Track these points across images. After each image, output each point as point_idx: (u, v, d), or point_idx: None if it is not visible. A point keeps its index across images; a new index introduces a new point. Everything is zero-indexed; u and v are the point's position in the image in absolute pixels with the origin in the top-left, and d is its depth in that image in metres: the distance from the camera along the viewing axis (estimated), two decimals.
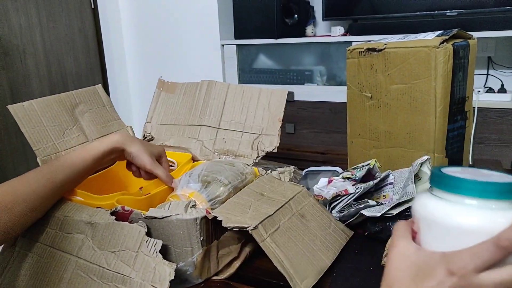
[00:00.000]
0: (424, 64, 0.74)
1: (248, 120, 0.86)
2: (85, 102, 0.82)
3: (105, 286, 0.51)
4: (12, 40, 2.28)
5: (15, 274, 0.57)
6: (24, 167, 2.40)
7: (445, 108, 0.75)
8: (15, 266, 0.58)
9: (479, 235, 0.36)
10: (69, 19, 2.57)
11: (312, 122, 2.21)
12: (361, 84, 0.85)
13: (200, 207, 0.59)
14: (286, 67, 2.35)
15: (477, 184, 0.38)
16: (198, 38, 2.50)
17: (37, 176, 0.58)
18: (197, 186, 0.64)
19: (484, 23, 1.87)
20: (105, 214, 0.56)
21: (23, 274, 0.57)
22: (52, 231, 0.58)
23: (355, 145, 0.90)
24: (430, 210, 0.40)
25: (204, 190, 0.64)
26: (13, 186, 0.55)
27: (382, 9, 2.16)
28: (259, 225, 0.55)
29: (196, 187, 0.64)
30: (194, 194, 0.63)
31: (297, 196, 0.65)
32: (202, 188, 0.64)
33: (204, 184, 0.65)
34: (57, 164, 0.61)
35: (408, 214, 0.64)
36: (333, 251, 0.60)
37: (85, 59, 2.69)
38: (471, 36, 0.77)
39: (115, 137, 0.68)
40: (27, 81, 2.37)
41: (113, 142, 0.67)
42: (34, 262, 0.57)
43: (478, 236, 0.36)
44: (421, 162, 0.68)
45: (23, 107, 0.73)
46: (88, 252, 0.54)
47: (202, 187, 0.64)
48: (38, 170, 0.60)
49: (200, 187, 0.64)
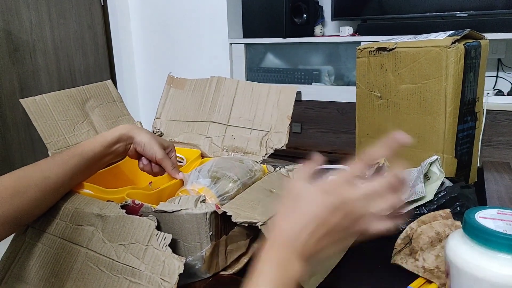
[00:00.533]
0: (435, 64, 0.74)
1: (257, 117, 0.86)
2: (95, 97, 0.83)
3: (114, 278, 0.52)
4: (22, 36, 2.29)
5: (25, 264, 0.58)
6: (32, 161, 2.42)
7: (455, 109, 0.74)
8: (25, 256, 0.58)
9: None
10: (79, 15, 2.58)
11: (319, 122, 2.20)
12: (370, 83, 0.85)
13: (210, 202, 0.59)
14: (294, 67, 2.35)
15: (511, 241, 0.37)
16: (206, 37, 2.50)
17: (49, 163, 0.59)
18: (207, 181, 0.64)
19: (494, 25, 1.86)
20: (115, 208, 0.56)
21: (32, 264, 0.57)
22: (62, 223, 0.59)
23: (363, 144, 0.90)
24: (461, 258, 0.40)
25: (214, 185, 0.64)
26: (26, 172, 0.56)
27: (391, 10, 2.15)
28: (268, 220, 0.55)
29: (206, 183, 0.64)
30: (204, 189, 0.63)
31: None
32: (212, 184, 0.64)
33: (214, 180, 0.65)
34: (68, 153, 0.62)
35: (417, 213, 0.64)
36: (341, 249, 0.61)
37: (94, 56, 2.70)
38: (483, 36, 0.77)
39: (123, 126, 0.69)
40: (36, 76, 2.39)
41: (121, 129, 0.68)
42: (44, 253, 0.58)
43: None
44: (431, 161, 0.68)
45: (35, 101, 0.73)
46: (98, 244, 0.54)
47: (212, 183, 0.64)
48: (50, 158, 0.61)
49: (210, 182, 0.64)
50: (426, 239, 0.57)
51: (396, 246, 0.59)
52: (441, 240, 0.56)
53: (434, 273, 0.53)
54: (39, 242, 0.59)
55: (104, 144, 0.65)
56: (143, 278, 0.50)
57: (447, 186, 0.67)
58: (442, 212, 0.60)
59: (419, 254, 0.56)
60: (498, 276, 0.37)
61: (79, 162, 0.61)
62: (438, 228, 0.57)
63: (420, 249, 0.56)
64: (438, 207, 0.63)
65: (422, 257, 0.55)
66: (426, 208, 0.64)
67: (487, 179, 0.85)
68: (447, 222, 0.58)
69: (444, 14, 2.02)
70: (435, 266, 0.54)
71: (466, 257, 0.40)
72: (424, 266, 0.55)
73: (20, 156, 2.37)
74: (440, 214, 0.59)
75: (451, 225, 0.58)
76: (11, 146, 2.32)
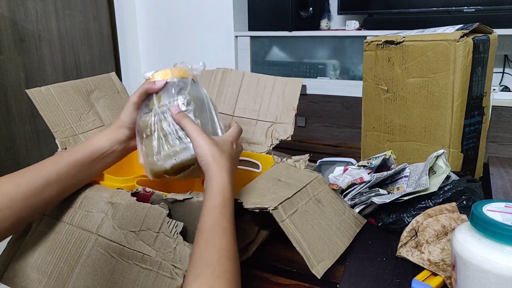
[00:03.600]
0: (443, 58, 0.73)
1: (263, 108, 0.86)
2: (100, 88, 0.83)
3: (125, 264, 0.52)
4: (28, 26, 2.29)
5: (33, 249, 0.58)
6: (37, 152, 2.43)
7: (462, 103, 0.74)
8: (33, 241, 0.59)
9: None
10: (84, 6, 2.58)
11: (324, 116, 2.20)
12: (377, 77, 0.85)
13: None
14: (299, 60, 2.35)
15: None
16: (212, 29, 2.50)
17: (24, 171, 0.57)
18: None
19: (502, 20, 1.85)
20: (126, 195, 0.57)
21: (39, 250, 0.58)
22: (71, 210, 0.59)
23: (369, 138, 0.90)
24: (468, 251, 0.40)
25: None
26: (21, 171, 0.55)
27: (398, 4, 2.14)
28: (279, 206, 0.55)
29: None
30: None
31: (313, 182, 0.66)
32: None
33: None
34: (49, 159, 0.59)
35: (423, 206, 0.64)
36: (347, 237, 0.61)
37: (99, 47, 2.70)
38: (492, 31, 0.77)
39: (108, 131, 0.65)
40: (41, 67, 2.39)
41: (108, 134, 0.64)
42: (52, 239, 0.58)
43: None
44: (437, 155, 0.68)
45: (40, 91, 0.74)
46: (108, 230, 0.55)
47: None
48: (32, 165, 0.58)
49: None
50: (432, 232, 0.57)
51: (402, 238, 0.59)
52: (447, 233, 0.57)
53: (440, 266, 0.54)
54: (47, 228, 0.59)
55: (94, 150, 0.62)
56: (154, 265, 0.51)
57: (453, 180, 0.67)
58: (448, 205, 0.60)
59: (425, 247, 0.56)
60: (505, 268, 0.37)
61: (55, 168, 0.57)
62: (444, 221, 0.58)
63: (425, 242, 0.56)
64: (444, 201, 0.63)
65: (428, 250, 0.56)
66: (432, 202, 0.64)
67: (492, 174, 0.85)
68: (453, 215, 0.58)
69: (451, 9, 2.01)
70: (441, 259, 0.54)
71: (473, 250, 0.40)
72: (430, 259, 0.55)
73: (25, 147, 2.38)
74: (446, 208, 0.60)
75: (457, 219, 0.58)
76: (16, 137, 2.33)
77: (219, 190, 0.52)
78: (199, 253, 0.46)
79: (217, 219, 0.49)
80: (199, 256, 0.46)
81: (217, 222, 0.49)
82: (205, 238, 0.47)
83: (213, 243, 0.47)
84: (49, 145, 2.49)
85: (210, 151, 0.56)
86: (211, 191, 0.52)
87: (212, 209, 0.50)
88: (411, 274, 0.54)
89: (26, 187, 0.54)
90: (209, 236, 0.47)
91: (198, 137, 0.57)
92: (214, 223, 0.49)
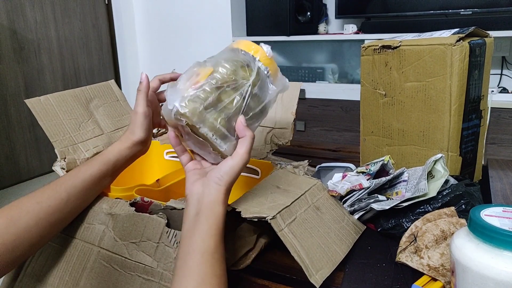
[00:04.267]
0: (439, 62, 0.74)
1: None
2: (99, 96, 0.83)
3: (127, 276, 0.52)
4: (28, 34, 2.30)
5: (39, 263, 0.58)
6: (37, 160, 2.43)
7: (460, 106, 0.74)
8: (39, 255, 0.59)
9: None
10: (83, 14, 2.59)
11: (323, 120, 2.21)
12: (375, 81, 0.85)
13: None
14: (297, 65, 2.35)
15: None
16: (210, 34, 2.51)
17: (42, 189, 0.57)
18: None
19: (499, 22, 1.85)
20: (124, 205, 0.57)
21: (46, 264, 0.58)
22: (74, 222, 0.59)
23: (367, 142, 0.90)
24: (467, 256, 0.40)
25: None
26: (20, 200, 0.54)
27: (395, 8, 2.15)
28: (277, 215, 0.55)
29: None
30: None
31: (312, 189, 0.66)
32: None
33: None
34: (64, 177, 0.59)
35: (422, 211, 0.64)
36: (346, 244, 0.61)
37: (98, 55, 2.71)
38: (488, 34, 0.77)
39: (118, 143, 0.65)
40: (41, 75, 2.40)
41: (118, 145, 0.64)
42: (56, 252, 0.58)
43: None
44: (435, 159, 0.68)
45: (39, 101, 0.74)
46: (110, 242, 0.55)
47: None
48: (46, 185, 0.58)
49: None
50: (431, 237, 0.57)
51: (401, 244, 0.59)
52: (446, 238, 0.57)
53: (439, 271, 0.54)
54: (52, 241, 0.60)
55: (105, 162, 0.62)
56: (156, 275, 0.51)
57: (452, 184, 0.67)
58: (447, 210, 0.60)
59: (424, 252, 0.56)
60: (503, 274, 0.37)
61: (74, 183, 0.58)
62: (443, 226, 0.58)
63: (425, 247, 0.56)
64: (443, 205, 0.63)
65: (427, 255, 0.56)
66: (430, 206, 0.64)
67: (492, 177, 0.85)
68: (452, 220, 0.58)
69: (448, 12, 2.01)
70: (440, 264, 0.54)
71: (471, 255, 0.40)
72: (429, 264, 0.55)
73: (24, 155, 2.39)
74: (445, 212, 0.60)
75: (456, 223, 0.58)
76: (16, 145, 2.33)
77: (224, 213, 0.51)
78: (197, 272, 0.45)
79: (220, 245, 0.49)
80: (197, 276, 0.45)
81: (219, 248, 0.49)
82: (207, 260, 0.47)
83: (214, 268, 0.46)
84: (48, 153, 2.49)
85: (236, 173, 0.53)
86: (217, 210, 0.51)
87: (217, 233, 0.50)
88: (411, 280, 0.54)
89: (48, 203, 0.54)
90: (211, 259, 0.47)
91: (243, 156, 0.53)
92: (216, 248, 0.48)
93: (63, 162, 0.68)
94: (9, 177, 2.34)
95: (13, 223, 0.51)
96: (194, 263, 0.45)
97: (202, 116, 0.52)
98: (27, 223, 0.52)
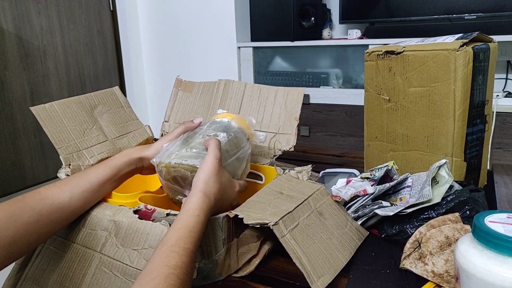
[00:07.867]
0: (443, 67, 0.73)
1: (265, 119, 0.86)
2: (103, 103, 0.84)
3: (128, 282, 0.52)
4: (33, 41, 2.32)
5: (40, 268, 0.59)
6: (42, 165, 2.45)
7: (464, 112, 0.74)
8: (39, 260, 0.59)
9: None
10: (88, 21, 2.61)
11: (327, 125, 2.20)
12: (378, 86, 0.85)
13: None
14: (302, 70, 2.36)
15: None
16: (214, 40, 2.52)
17: (48, 187, 0.58)
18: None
19: (503, 26, 1.85)
20: (128, 212, 0.57)
21: (47, 269, 0.58)
22: (75, 227, 0.59)
23: (371, 148, 0.90)
24: (471, 263, 0.40)
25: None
26: (23, 196, 0.55)
27: (399, 13, 2.15)
28: (280, 221, 0.55)
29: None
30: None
31: (316, 194, 0.66)
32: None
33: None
34: (71, 177, 0.62)
35: (426, 217, 0.64)
36: (349, 250, 0.61)
37: (103, 61, 2.73)
38: (492, 39, 0.77)
39: (131, 149, 0.69)
40: (46, 81, 2.42)
41: (130, 153, 0.68)
42: (57, 257, 0.58)
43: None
44: (439, 165, 0.68)
45: (44, 108, 0.75)
46: (112, 249, 0.55)
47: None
48: (52, 184, 0.60)
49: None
50: (435, 243, 0.57)
51: (405, 250, 0.59)
52: (451, 244, 0.56)
53: (444, 277, 0.53)
54: (53, 247, 0.60)
55: (112, 166, 0.65)
56: None
57: (456, 190, 0.67)
58: (451, 216, 0.60)
59: (428, 259, 0.56)
60: (508, 280, 0.37)
61: (79, 183, 0.60)
62: (448, 232, 0.57)
63: (429, 253, 0.56)
64: (447, 211, 0.63)
65: (432, 262, 0.55)
66: (435, 212, 0.64)
67: (497, 182, 0.84)
68: (456, 226, 0.58)
69: (452, 17, 2.01)
70: (445, 271, 0.54)
71: (475, 262, 0.40)
72: (434, 271, 0.54)
73: (30, 161, 2.40)
74: (450, 218, 0.59)
75: (460, 229, 0.58)
76: (22, 150, 2.35)
77: (196, 212, 0.53)
78: (151, 264, 0.45)
79: (183, 238, 0.49)
80: (150, 267, 0.45)
81: (182, 241, 0.48)
82: (163, 252, 0.46)
83: (168, 258, 0.46)
84: (53, 159, 2.51)
85: (209, 171, 0.58)
86: (188, 208, 0.53)
87: (182, 227, 0.50)
88: (415, 286, 0.54)
89: (52, 200, 0.56)
90: (168, 251, 0.47)
91: (210, 155, 0.59)
92: (178, 241, 0.48)
93: (68, 169, 0.68)
94: (14, 182, 2.35)
95: (14, 218, 0.51)
96: (153, 255, 0.47)
97: (171, 155, 0.64)
98: (28, 220, 0.52)
